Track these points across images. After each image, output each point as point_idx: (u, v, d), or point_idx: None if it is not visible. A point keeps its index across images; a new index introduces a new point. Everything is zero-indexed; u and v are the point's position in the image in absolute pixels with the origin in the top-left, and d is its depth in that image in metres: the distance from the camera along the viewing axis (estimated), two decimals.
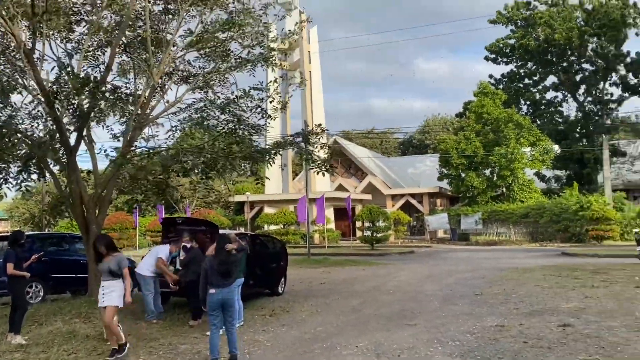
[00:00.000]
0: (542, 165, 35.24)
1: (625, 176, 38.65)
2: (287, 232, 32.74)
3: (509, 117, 34.69)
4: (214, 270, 7.05)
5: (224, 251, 7.24)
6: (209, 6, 11.66)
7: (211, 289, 6.98)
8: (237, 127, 13.22)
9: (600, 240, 28.55)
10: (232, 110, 13.69)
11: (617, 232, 29.04)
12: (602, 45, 38.39)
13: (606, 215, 28.35)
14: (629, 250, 21.76)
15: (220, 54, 13.13)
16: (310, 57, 37.80)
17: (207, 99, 14.38)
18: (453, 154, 34.89)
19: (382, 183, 41.19)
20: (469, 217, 33.98)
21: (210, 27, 11.99)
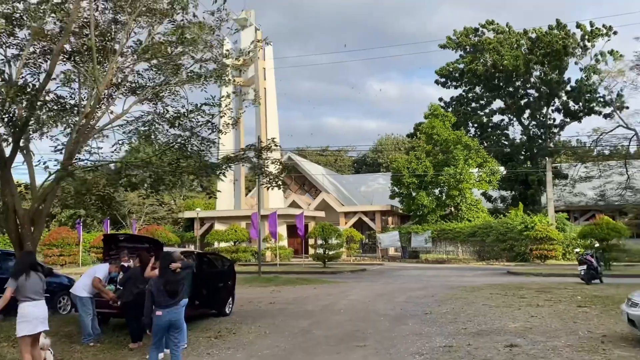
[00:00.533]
0: (488, 186, 36.16)
1: (566, 198, 40.11)
2: (237, 249, 32.08)
3: (458, 138, 35.52)
4: (160, 291, 6.70)
5: (169, 270, 6.89)
6: (156, 19, 11.26)
7: (158, 310, 6.61)
8: (186, 141, 12.82)
9: (544, 260, 29.38)
10: (182, 124, 13.28)
11: (559, 251, 29.97)
12: (545, 73, 40.06)
13: (549, 236, 29.24)
14: (571, 269, 22.43)
15: (171, 67, 12.72)
16: (265, 73, 37.63)
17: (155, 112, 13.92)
18: (404, 173, 35.34)
19: (336, 200, 41.20)
20: (419, 235, 34.37)
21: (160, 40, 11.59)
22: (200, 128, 12.16)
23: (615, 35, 39.27)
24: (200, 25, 11.25)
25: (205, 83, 13.50)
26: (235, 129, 31.88)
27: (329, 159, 67.39)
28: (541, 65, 39.97)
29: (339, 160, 68.40)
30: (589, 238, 24.91)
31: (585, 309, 12.07)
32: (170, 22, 11.73)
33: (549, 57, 39.20)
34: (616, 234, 23.68)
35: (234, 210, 36.50)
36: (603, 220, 24.39)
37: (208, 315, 11.83)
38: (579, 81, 39.93)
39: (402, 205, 37.98)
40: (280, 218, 33.34)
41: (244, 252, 32.26)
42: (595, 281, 17.58)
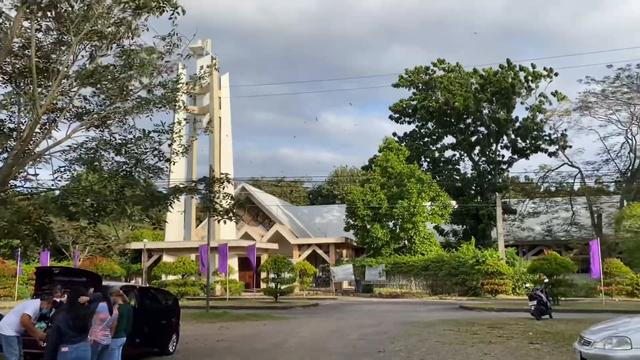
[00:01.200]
0: (441, 220, 36.56)
1: (515, 232, 41.09)
2: (185, 283, 30.91)
3: (412, 172, 35.97)
4: (68, 326, 6.27)
5: (78, 304, 6.49)
6: (104, 42, 10.80)
7: (64, 347, 6.14)
8: (132, 169, 12.25)
9: (495, 294, 29.65)
10: (128, 151, 12.72)
11: (509, 286, 30.35)
12: (494, 111, 41.47)
13: (500, 270, 29.62)
14: (521, 304, 22.66)
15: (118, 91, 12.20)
16: (220, 102, 37.25)
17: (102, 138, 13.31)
18: (359, 205, 35.34)
19: (290, 232, 40.67)
20: (373, 268, 34.18)
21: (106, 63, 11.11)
22: (147, 155, 11.64)
23: (556, 77, 41.29)
24: (150, 49, 10.86)
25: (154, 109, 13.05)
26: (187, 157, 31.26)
27: (284, 190, 66.95)
28: (490, 103, 41.40)
29: (295, 192, 68.06)
30: (538, 273, 25.35)
31: (537, 345, 12.03)
32: (118, 47, 11.30)
33: (497, 96, 40.68)
34: (564, 269, 24.19)
35: (183, 242, 35.37)
36: (551, 255, 24.93)
37: (150, 354, 11.11)
38: (525, 120, 41.48)
39: (356, 237, 37.84)
40: (232, 250, 32.51)
41: (192, 285, 31.09)
42: (545, 317, 17.74)
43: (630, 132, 37.48)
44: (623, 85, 35.32)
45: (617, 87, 35.57)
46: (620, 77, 35.36)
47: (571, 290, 25.67)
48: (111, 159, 12.66)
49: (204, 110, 37.29)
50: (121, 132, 13.41)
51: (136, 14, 10.20)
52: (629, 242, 28.76)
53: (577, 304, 23.86)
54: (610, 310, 21.15)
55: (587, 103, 36.96)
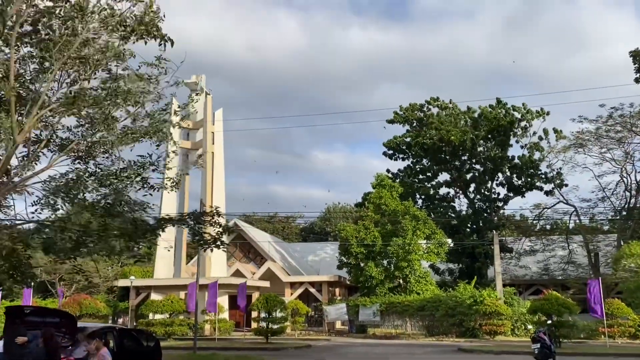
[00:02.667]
0: (437, 258, 35.77)
1: (512, 271, 40.31)
2: (172, 322, 29.75)
3: (406, 209, 35.39)
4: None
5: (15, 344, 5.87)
6: (88, 67, 10.32)
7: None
8: (115, 201, 11.61)
9: (493, 335, 28.67)
10: (113, 183, 12.12)
11: (508, 327, 29.38)
12: (490, 148, 41.29)
13: (498, 310, 28.72)
14: (522, 346, 21.74)
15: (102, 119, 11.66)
16: (213, 137, 36.85)
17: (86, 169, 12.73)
18: (352, 243, 34.58)
19: (282, 270, 39.69)
20: (367, 308, 33.16)
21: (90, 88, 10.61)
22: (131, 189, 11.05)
23: (548, 116, 41.35)
24: (136, 76, 10.39)
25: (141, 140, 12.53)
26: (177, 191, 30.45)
27: (277, 227, 66.05)
28: (486, 141, 41.25)
29: (287, 228, 67.13)
30: (539, 313, 24.50)
31: None
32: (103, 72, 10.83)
33: (494, 133, 40.55)
34: (566, 309, 23.38)
35: (172, 279, 34.29)
36: (552, 295, 24.14)
37: None
38: (521, 157, 41.28)
39: (350, 276, 36.91)
40: (222, 288, 31.49)
41: (180, 325, 29.92)
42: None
43: (625, 171, 37.36)
44: (616, 124, 35.32)
45: (611, 125, 35.57)
46: (613, 116, 35.41)
47: (573, 331, 24.77)
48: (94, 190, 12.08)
49: (197, 145, 36.87)
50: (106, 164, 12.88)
51: (123, 38, 9.74)
52: (629, 282, 28.05)
53: (580, 347, 22.92)
54: (615, 353, 20.29)
55: (581, 140, 36.91)
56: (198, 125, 37.01)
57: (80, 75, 10.46)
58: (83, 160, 12.86)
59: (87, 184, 12.11)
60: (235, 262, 40.51)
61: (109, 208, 11.82)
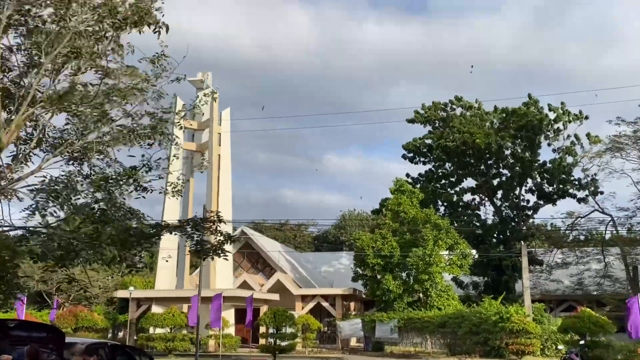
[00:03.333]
0: (460, 271, 35.29)
1: (542, 285, 39.61)
2: (174, 337, 29.67)
3: (427, 217, 34.98)
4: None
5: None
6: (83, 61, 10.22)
7: None
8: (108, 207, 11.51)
9: (521, 356, 28.08)
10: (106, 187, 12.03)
11: (537, 347, 28.76)
12: (518, 151, 40.70)
13: (526, 328, 28.12)
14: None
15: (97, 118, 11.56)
16: (220, 139, 36.84)
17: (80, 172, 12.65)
18: (369, 253, 34.23)
19: (292, 281, 39.49)
20: (384, 324, 32.78)
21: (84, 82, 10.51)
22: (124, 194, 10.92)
23: (587, 120, 40.60)
24: (133, 70, 10.28)
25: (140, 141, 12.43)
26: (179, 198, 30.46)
27: (288, 235, 65.92)
28: (513, 142, 40.66)
29: (299, 237, 66.97)
30: (570, 332, 23.92)
31: None
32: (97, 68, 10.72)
33: (522, 133, 39.95)
34: (600, 328, 22.78)
35: (174, 291, 34.28)
36: (585, 312, 23.56)
37: None
38: (552, 162, 40.60)
39: (365, 289, 36.56)
40: (228, 301, 31.29)
41: (182, 340, 29.84)
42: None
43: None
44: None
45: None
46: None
47: (608, 353, 24.11)
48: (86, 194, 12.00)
49: (202, 147, 36.90)
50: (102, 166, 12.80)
51: (116, 28, 9.62)
52: None
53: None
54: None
55: (618, 144, 36.14)
56: (203, 125, 37.05)
57: (73, 69, 10.37)
58: (77, 161, 12.79)
59: (80, 187, 12.04)
60: (243, 273, 40.41)
61: (102, 214, 11.72)
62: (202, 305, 26.39)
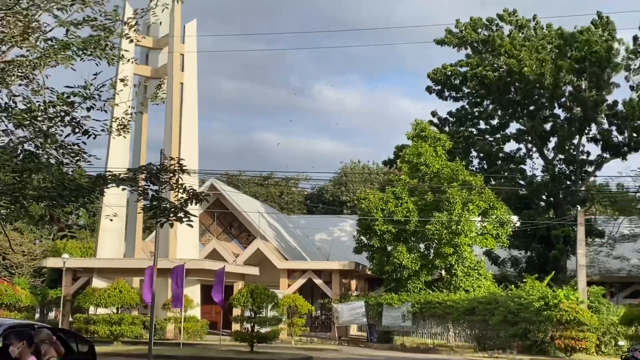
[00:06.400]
0: (495, 243, 35.82)
1: (602, 263, 40.33)
2: (121, 319, 30.26)
3: (454, 173, 35.19)
4: None
5: None
6: None
7: None
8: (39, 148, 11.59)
9: (571, 353, 28.84)
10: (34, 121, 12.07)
11: (592, 342, 29.47)
12: (580, 88, 40.63)
13: (579, 319, 28.79)
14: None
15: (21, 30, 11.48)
16: (183, 61, 36.52)
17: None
18: (377, 217, 34.60)
19: (277, 252, 40.04)
20: (394, 309, 33.50)
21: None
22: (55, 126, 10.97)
23: None
24: None
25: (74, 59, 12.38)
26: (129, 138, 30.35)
27: (272, 192, 66.37)
28: (575, 75, 40.53)
29: (286, 195, 67.42)
30: (635, 324, 24.57)
31: None
32: None
33: (586, 64, 39.77)
34: None
35: (122, 260, 34.73)
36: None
37: None
38: (626, 103, 40.54)
39: (371, 264, 37.15)
40: (192, 274, 31.85)
41: (132, 324, 30.45)
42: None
43: None
44: None
45: None
46: None
47: None
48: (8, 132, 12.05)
49: (160, 72, 36.71)
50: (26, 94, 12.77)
51: None
52: None
53: None
54: None
55: None
56: (161, 43, 36.75)
57: None
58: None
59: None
60: (212, 239, 40.81)
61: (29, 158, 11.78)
62: (159, 280, 26.80)
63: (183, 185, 13.04)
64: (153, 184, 13.22)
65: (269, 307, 28.30)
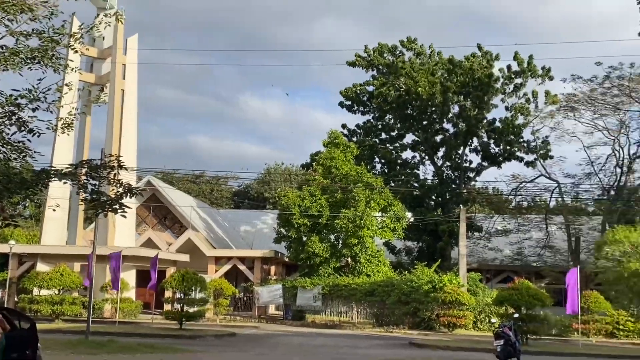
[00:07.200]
0: (392, 235, 36.35)
1: (479, 253, 41.57)
2: (62, 300, 29.13)
3: (359, 175, 35.55)
4: None
5: None
6: None
7: None
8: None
9: (452, 328, 29.61)
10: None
11: (470, 319, 30.38)
12: (466, 105, 41.76)
13: (459, 299, 29.57)
14: (483, 342, 22.59)
15: None
16: (125, 71, 35.44)
17: None
18: (295, 212, 34.54)
19: (206, 241, 39.41)
20: (307, 291, 33.54)
21: None
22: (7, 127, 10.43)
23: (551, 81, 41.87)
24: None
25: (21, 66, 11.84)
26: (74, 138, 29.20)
27: (203, 189, 65.37)
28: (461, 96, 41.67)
29: (216, 191, 66.52)
30: (506, 305, 25.38)
31: None
32: None
33: (470, 87, 40.97)
34: (538, 301, 24.29)
35: (63, 247, 33.37)
36: (523, 284, 25.02)
37: None
38: (502, 120, 41.99)
39: (289, 252, 37.06)
40: (129, 260, 30.99)
41: (72, 304, 29.37)
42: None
43: (618, 143, 38.64)
44: (614, 86, 36.38)
45: (607, 88, 36.63)
46: (611, 77, 36.44)
47: (543, 327, 25.90)
48: None
49: (103, 79, 35.57)
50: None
51: None
52: (611, 272, 29.49)
53: (549, 345, 24.02)
54: (587, 354, 21.42)
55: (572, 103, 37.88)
56: (105, 54, 35.57)
57: None
58: None
59: None
60: (148, 229, 39.90)
61: None
62: (98, 265, 25.96)
63: (120, 180, 12.65)
64: (93, 179, 12.77)
65: (197, 290, 27.93)
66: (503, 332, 17.66)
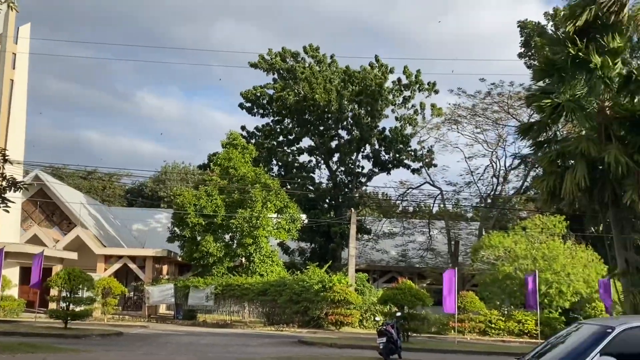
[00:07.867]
0: (287, 236, 36.48)
1: (368, 254, 42.68)
2: None
3: (257, 176, 35.43)
4: None
5: None
6: None
7: None
8: None
9: (340, 326, 30.06)
10: None
11: (356, 317, 31.00)
12: (361, 113, 42.74)
13: (347, 299, 30.09)
14: (368, 339, 23.14)
15: None
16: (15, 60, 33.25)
17: None
18: (190, 211, 33.83)
19: (95, 239, 37.68)
20: (199, 290, 32.90)
21: None
22: None
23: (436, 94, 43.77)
24: None
25: None
26: None
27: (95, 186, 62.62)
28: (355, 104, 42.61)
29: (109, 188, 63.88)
30: (390, 304, 26.15)
31: None
32: None
33: (362, 97, 41.98)
34: (419, 301, 25.20)
35: None
36: (406, 284, 25.89)
37: None
38: (392, 130, 43.34)
39: (182, 251, 36.22)
40: (12, 257, 29.07)
41: None
42: (394, 356, 18.09)
43: (496, 155, 41.19)
44: (494, 102, 38.64)
45: (488, 104, 38.84)
46: (492, 94, 38.68)
47: (423, 325, 26.93)
48: None
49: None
50: None
51: None
52: (486, 275, 31.20)
53: (428, 342, 25.02)
54: (462, 350, 22.47)
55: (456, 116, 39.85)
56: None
57: None
58: None
59: None
60: (34, 225, 37.61)
61: None
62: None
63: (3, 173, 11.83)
64: None
65: (84, 289, 26.72)
66: (386, 330, 18.25)
